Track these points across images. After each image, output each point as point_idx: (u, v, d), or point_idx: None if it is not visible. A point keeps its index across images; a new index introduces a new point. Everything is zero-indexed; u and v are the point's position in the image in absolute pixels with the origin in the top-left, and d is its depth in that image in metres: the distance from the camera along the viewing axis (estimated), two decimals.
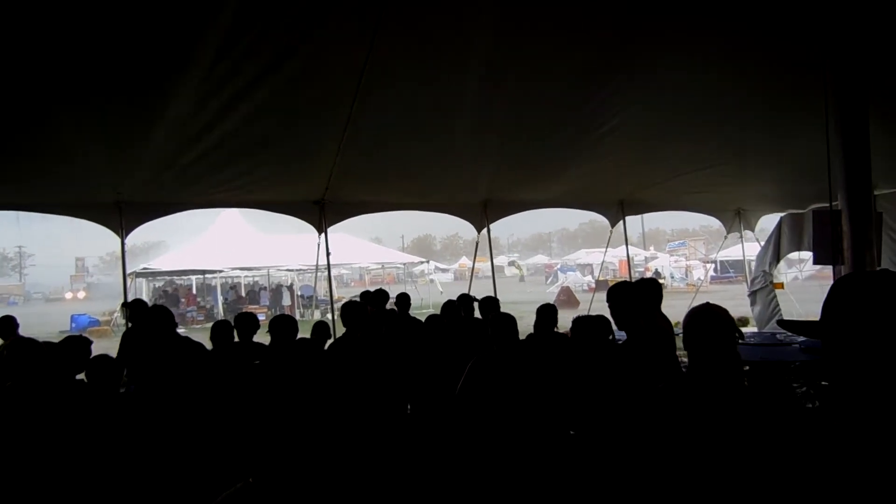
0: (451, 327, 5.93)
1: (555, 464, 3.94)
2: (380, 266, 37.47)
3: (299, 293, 30.80)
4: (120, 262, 8.21)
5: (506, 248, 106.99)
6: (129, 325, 6.76)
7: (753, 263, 12.42)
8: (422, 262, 36.01)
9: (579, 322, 4.61)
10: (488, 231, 9.95)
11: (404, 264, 35.84)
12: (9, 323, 6.44)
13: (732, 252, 22.46)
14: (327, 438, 1.97)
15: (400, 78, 5.26)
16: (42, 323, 25.14)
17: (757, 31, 4.97)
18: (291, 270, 31.98)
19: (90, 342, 4.77)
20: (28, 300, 66.60)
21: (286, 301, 30.02)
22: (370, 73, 4.98)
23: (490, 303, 6.63)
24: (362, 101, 5.44)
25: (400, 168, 7.50)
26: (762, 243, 12.09)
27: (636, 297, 4.26)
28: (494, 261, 11.72)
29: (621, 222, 10.72)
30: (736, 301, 14.39)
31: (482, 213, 9.73)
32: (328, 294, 28.45)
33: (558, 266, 53.82)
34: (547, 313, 5.26)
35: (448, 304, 6.37)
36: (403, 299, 6.84)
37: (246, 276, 35.39)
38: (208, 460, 3.86)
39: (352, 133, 6.07)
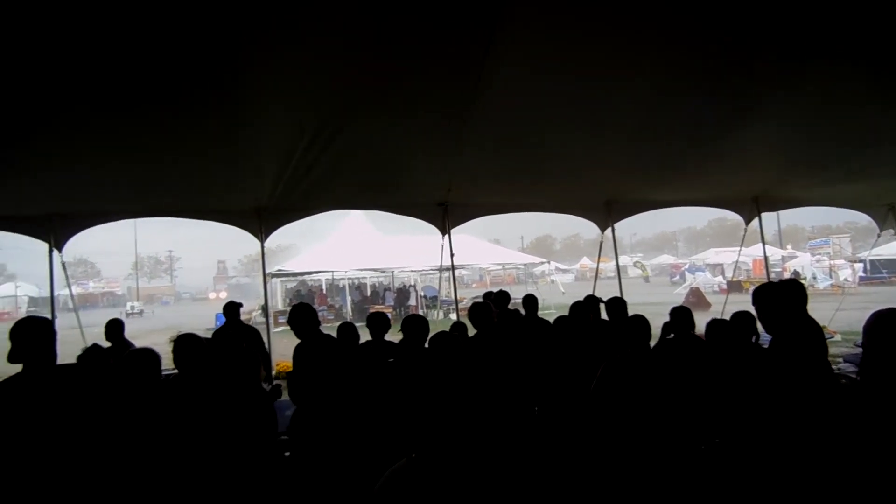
0: (580, 329, 5.83)
1: (693, 473, 3.77)
2: (500, 267, 37.61)
3: (422, 293, 31.46)
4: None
5: (628, 248, 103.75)
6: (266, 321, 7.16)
7: None
8: (542, 263, 35.73)
9: (716, 325, 4.37)
10: (612, 231, 9.72)
11: (525, 265, 35.73)
12: (116, 326, 6.95)
13: (885, 250, 20.47)
14: (466, 431, 2.03)
15: (520, 78, 5.21)
16: (191, 321, 27.29)
17: None
18: (415, 271, 32.74)
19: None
20: (178, 300, 72.69)
21: (411, 301, 30.77)
22: (490, 73, 4.97)
23: (618, 304, 6.46)
24: (482, 103, 5.45)
25: (522, 170, 7.46)
26: None
27: (783, 298, 3.99)
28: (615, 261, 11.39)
29: (756, 219, 10.06)
30: (892, 304, 13.08)
31: (606, 213, 9.52)
32: (449, 294, 29.02)
33: (686, 266, 51.69)
34: (682, 316, 5.05)
35: (576, 306, 6.27)
36: (530, 301, 6.80)
37: (371, 277, 36.62)
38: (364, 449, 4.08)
39: (472, 135, 6.09)
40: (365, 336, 5.78)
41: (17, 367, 3.36)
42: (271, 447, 4.36)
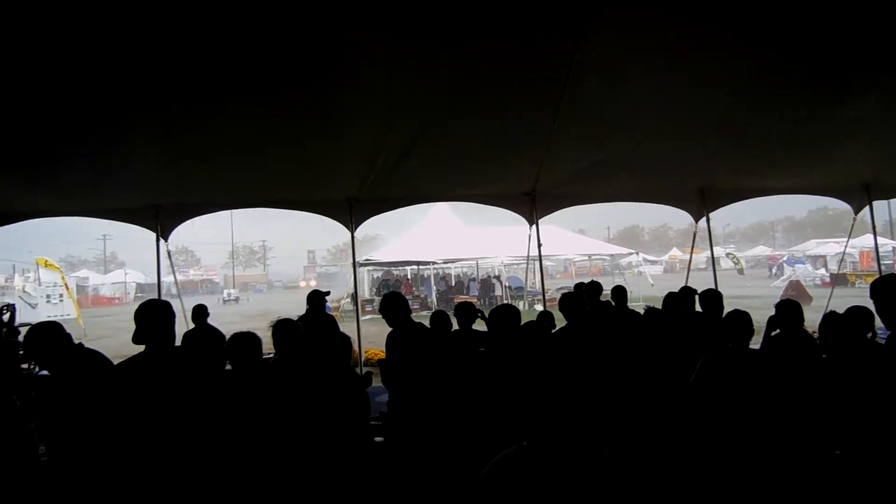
0: (673, 320, 5.65)
1: (815, 486, 3.56)
2: (586, 257, 36.93)
3: (507, 284, 31.38)
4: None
5: (721, 239, 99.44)
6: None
7: None
8: (630, 254, 34.87)
9: (831, 320, 4.08)
10: (707, 220, 9.32)
11: (611, 255, 34.96)
12: (201, 311, 7.23)
13: None
14: (577, 421, 2.03)
15: (612, 70, 5.09)
16: (283, 307, 28.34)
17: None
18: (499, 262, 32.68)
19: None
20: (271, 288, 75.52)
21: (496, 292, 30.76)
22: (580, 68, 4.89)
23: (713, 296, 6.21)
24: (573, 96, 5.37)
25: (612, 160, 7.28)
26: None
27: None
28: (709, 253, 10.89)
29: (866, 208, 9.37)
30: None
31: (700, 202, 9.14)
32: (534, 285, 28.83)
33: (784, 258, 49.24)
34: (790, 310, 4.78)
35: (669, 297, 6.08)
36: (619, 292, 6.65)
37: (455, 268, 36.84)
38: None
39: (562, 125, 6.01)
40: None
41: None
42: (364, 430, 4.49)
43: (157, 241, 8.56)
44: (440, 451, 4.25)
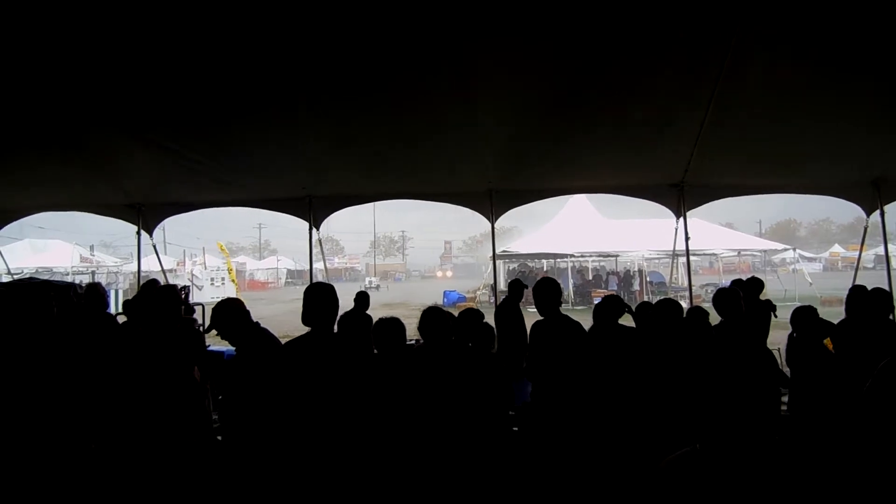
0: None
1: None
2: (734, 253, 34.73)
3: (648, 279, 30.28)
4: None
5: (894, 236, 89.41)
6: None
7: None
8: (785, 250, 32.44)
9: None
10: (881, 213, 8.37)
11: (763, 251, 32.71)
12: (364, 298, 8.02)
13: None
14: (745, 422, 1.96)
15: (772, 50, 4.75)
16: (421, 296, 29.15)
17: None
18: (640, 256, 31.61)
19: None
20: (409, 277, 78.12)
21: (635, 286, 29.82)
22: (739, 49, 4.62)
23: (882, 297, 5.56)
24: (729, 80, 5.07)
25: (770, 149, 6.76)
26: None
27: None
28: (878, 250, 9.82)
29: None
30: None
31: (874, 193, 8.21)
32: (676, 280, 27.58)
33: None
34: None
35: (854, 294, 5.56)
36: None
37: (593, 261, 36.07)
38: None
39: (717, 114, 5.70)
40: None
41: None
42: (504, 420, 4.53)
43: (310, 229, 9.07)
44: (582, 447, 4.20)
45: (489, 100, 5.57)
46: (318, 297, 3.76)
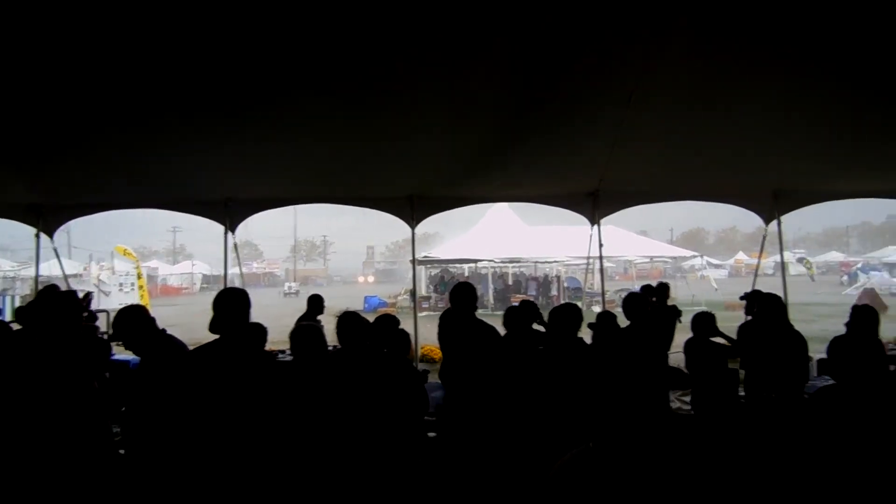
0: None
1: None
2: (647, 259, 36.15)
3: (565, 285, 31.04)
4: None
5: (791, 244, 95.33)
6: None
7: None
8: (693, 257, 34.03)
9: None
10: (778, 223, 8.90)
11: (673, 258, 34.19)
12: (319, 302, 7.95)
13: None
14: (643, 421, 2.01)
15: (683, 64, 4.95)
16: (343, 302, 28.79)
17: None
18: (558, 262, 32.38)
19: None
20: (331, 282, 76.91)
21: (553, 292, 30.50)
22: (649, 60, 4.77)
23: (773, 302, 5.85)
24: (641, 91, 5.25)
25: (681, 156, 7.06)
26: None
27: None
28: (777, 258, 10.46)
29: None
30: None
31: (772, 204, 8.75)
32: (592, 286, 28.41)
33: (858, 265, 47.24)
34: (866, 316, 4.52)
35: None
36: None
37: (513, 267, 36.68)
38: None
39: (630, 122, 5.87)
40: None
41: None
42: (419, 425, 4.51)
43: (226, 233, 8.80)
44: (494, 449, 4.24)
45: (413, 109, 5.57)
46: (228, 303, 3.61)
